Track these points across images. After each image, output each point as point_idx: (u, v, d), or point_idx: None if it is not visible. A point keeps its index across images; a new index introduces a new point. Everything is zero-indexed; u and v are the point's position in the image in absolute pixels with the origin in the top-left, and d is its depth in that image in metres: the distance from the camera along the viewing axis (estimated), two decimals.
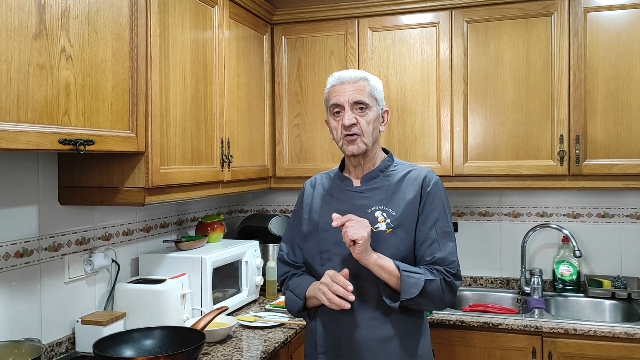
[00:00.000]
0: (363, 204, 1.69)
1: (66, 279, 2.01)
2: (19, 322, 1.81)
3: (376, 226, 1.64)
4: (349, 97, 1.66)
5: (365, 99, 1.66)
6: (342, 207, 1.70)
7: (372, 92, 1.69)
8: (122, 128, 1.78)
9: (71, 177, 1.96)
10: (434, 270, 1.63)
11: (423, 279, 1.59)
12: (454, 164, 2.71)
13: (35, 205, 1.90)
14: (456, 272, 1.65)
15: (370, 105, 1.67)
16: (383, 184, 1.72)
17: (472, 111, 2.69)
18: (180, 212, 2.78)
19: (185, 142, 2.13)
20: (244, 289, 2.66)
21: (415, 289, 1.58)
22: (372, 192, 1.71)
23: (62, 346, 1.97)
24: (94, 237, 2.16)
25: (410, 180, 1.71)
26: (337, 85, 1.70)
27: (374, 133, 1.69)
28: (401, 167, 1.76)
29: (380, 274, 1.59)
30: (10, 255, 1.79)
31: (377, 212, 1.67)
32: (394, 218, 1.65)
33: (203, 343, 1.72)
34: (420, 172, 1.73)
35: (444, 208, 1.69)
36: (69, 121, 1.55)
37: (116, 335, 1.81)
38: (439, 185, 1.71)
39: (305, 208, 1.82)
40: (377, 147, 1.76)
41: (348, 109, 1.66)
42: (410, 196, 1.68)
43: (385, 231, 1.64)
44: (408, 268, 1.60)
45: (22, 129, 1.38)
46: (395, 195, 1.69)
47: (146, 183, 1.89)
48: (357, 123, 1.66)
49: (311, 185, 1.87)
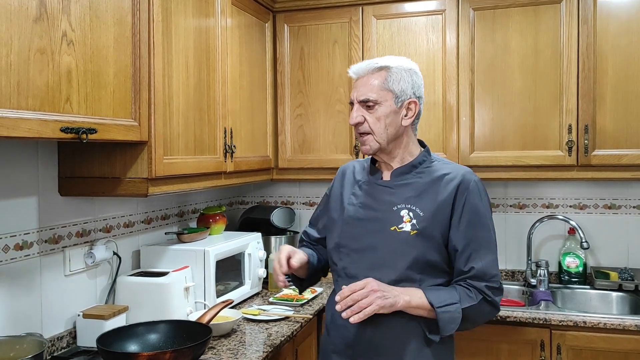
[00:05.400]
0: (389, 200, 1.59)
1: (67, 272, 1.95)
2: (20, 316, 1.76)
3: (400, 226, 1.54)
4: (357, 94, 1.59)
5: (373, 95, 1.56)
6: (367, 202, 1.63)
7: (387, 84, 1.56)
8: (124, 117, 1.72)
9: (72, 167, 1.91)
10: (472, 289, 1.52)
11: (459, 309, 1.48)
12: (460, 154, 2.66)
13: (35, 197, 1.84)
14: (499, 287, 1.54)
15: (379, 101, 1.56)
16: (414, 180, 1.60)
17: (478, 101, 2.65)
18: (181, 204, 2.73)
19: (189, 132, 2.08)
20: (247, 281, 2.61)
21: (454, 324, 1.50)
22: (401, 188, 1.60)
23: (63, 340, 1.92)
24: (95, 229, 2.11)
25: (446, 180, 1.57)
26: (354, 79, 1.64)
27: (390, 129, 1.57)
28: (438, 164, 1.63)
29: (414, 313, 1.50)
30: (10, 247, 1.74)
31: (402, 210, 1.56)
32: (420, 219, 1.54)
33: (210, 337, 1.67)
34: (459, 171, 1.59)
35: (484, 213, 1.56)
36: (71, 109, 1.50)
37: (120, 330, 1.76)
38: (478, 188, 1.57)
39: (333, 195, 1.77)
40: (403, 142, 1.62)
41: (356, 106, 1.59)
42: (443, 197, 1.54)
43: (410, 232, 1.53)
44: (443, 300, 1.48)
45: (23, 116, 1.33)
46: (425, 195, 1.56)
47: (149, 173, 1.84)
48: (364, 121, 1.58)
49: (342, 173, 1.79)
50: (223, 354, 1.89)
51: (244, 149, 2.56)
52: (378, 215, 1.59)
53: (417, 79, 1.62)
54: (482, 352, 2.39)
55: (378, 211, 1.59)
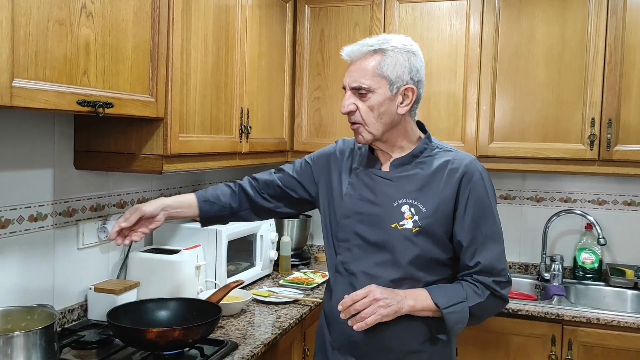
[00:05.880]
0: (388, 195, 1.49)
1: (80, 246, 1.96)
2: (32, 288, 1.77)
3: (401, 223, 1.45)
4: (349, 80, 1.47)
5: (366, 82, 1.43)
6: (366, 195, 1.52)
7: (381, 69, 1.43)
8: (141, 92, 1.71)
9: (87, 141, 1.90)
10: (479, 284, 1.45)
11: (467, 308, 1.42)
12: (478, 143, 2.62)
13: (51, 169, 1.84)
14: (507, 280, 1.48)
15: (372, 88, 1.43)
16: (415, 171, 1.49)
17: (500, 90, 2.59)
18: (195, 183, 2.73)
19: (205, 110, 2.06)
20: (258, 263, 2.61)
21: (461, 323, 1.44)
22: (401, 181, 1.49)
23: (74, 313, 1.93)
24: (109, 204, 2.11)
25: (449, 171, 1.46)
26: (348, 62, 1.51)
27: (384, 118, 1.45)
28: (440, 152, 1.51)
29: (420, 315, 1.45)
30: (24, 219, 1.74)
31: (403, 206, 1.46)
32: (422, 215, 1.44)
33: (219, 317, 1.67)
34: (462, 161, 1.47)
35: (489, 205, 1.47)
36: (88, 82, 1.49)
37: (130, 305, 1.77)
38: (483, 178, 1.47)
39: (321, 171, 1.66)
40: (401, 130, 1.50)
41: (348, 93, 1.47)
42: (447, 191, 1.45)
43: (412, 229, 1.45)
44: (449, 300, 1.42)
45: (40, 87, 1.32)
46: (428, 188, 1.46)
47: (164, 150, 1.83)
48: (355, 110, 1.46)
49: (339, 151, 1.66)
50: (232, 333, 1.89)
51: (259, 130, 2.54)
52: (378, 210, 1.49)
53: (416, 61, 1.47)
54: (491, 344, 2.37)
55: (378, 206, 1.50)
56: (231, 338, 1.83)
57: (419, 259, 1.46)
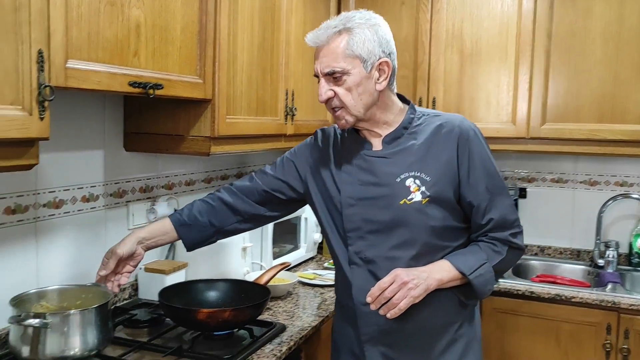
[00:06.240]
0: (389, 172, 1.44)
1: (130, 226, 1.99)
2: (85, 267, 1.80)
3: (409, 197, 1.41)
4: (320, 67, 1.41)
5: (338, 65, 1.37)
6: (366, 178, 1.46)
7: (351, 49, 1.37)
8: (190, 73, 1.71)
9: (137, 123, 1.92)
10: (496, 242, 1.44)
11: (490, 269, 1.41)
12: (530, 125, 2.53)
13: (101, 150, 1.87)
14: (521, 229, 1.47)
15: (347, 70, 1.38)
16: (409, 143, 1.45)
17: (554, 69, 2.49)
18: (239, 165, 2.73)
19: (251, 92, 2.05)
20: (302, 245, 2.61)
21: (489, 285, 1.43)
22: (399, 155, 1.45)
23: (125, 292, 1.97)
24: (157, 186, 2.13)
25: (443, 135, 1.43)
26: (315, 48, 1.43)
27: (363, 98, 1.40)
28: (428, 118, 1.48)
29: (448, 286, 1.42)
30: (77, 199, 1.78)
31: (407, 180, 1.42)
32: (428, 185, 1.41)
33: (268, 298, 1.67)
34: (453, 123, 1.44)
35: (489, 161, 1.45)
36: (139, 63, 1.49)
37: (180, 285, 1.79)
38: (478, 135, 1.45)
39: (306, 167, 1.59)
40: (383, 106, 1.45)
41: (322, 80, 1.42)
42: (447, 155, 1.42)
43: (421, 202, 1.41)
44: (472, 265, 1.40)
45: (93, 69, 1.33)
46: (427, 156, 1.43)
47: (212, 132, 1.83)
48: (334, 95, 1.41)
49: (322, 142, 1.59)
50: (279, 315, 1.90)
51: (304, 112, 2.52)
52: (382, 190, 1.44)
53: (384, 33, 1.42)
54: (541, 331, 2.31)
55: (381, 186, 1.44)
56: (279, 320, 1.84)
57: (435, 230, 1.43)
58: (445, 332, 1.48)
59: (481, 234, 1.46)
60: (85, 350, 1.36)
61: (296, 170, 1.63)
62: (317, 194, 1.57)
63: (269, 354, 1.58)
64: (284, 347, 1.63)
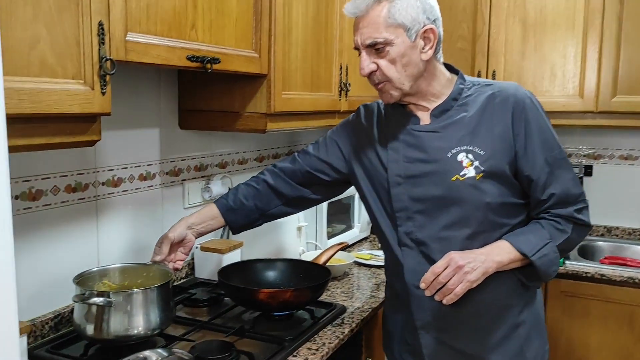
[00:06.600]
0: (439, 147, 1.34)
1: (186, 205, 1.98)
2: (143, 245, 1.80)
3: (462, 173, 1.31)
4: (361, 38, 1.32)
5: (380, 36, 1.28)
6: (414, 155, 1.37)
7: (393, 17, 1.27)
8: (246, 47, 1.65)
9: (192, 100, 1.89)
10: (560, 219, 1.33)
11: (555, 248, 1.31)
12: (599, 98, 2.38)
13: (157, 128, 1.85)
14: (586, 204, 1.36)
15: (390, 40, 1.28)
16: (460, 115, 1.35)
17: (626, 37, 2.33)
18: (291, 143, 2.68)
19: (306, 66, 1.99)
20: (356, 225, 2.55)
21: (554, 266, 1.32)
22: (449, 129, 1.35)
23: (182, 271, 1.96)
24: (212, 164, 2.11)
25: (496, 105, 1.33)
26: (354, 19, 1.34)
27: (409, 70, 1.31)
28: (478, 88, 1.38)
29: (507, 268, 1.32)
30: (135, 177, 1.77)
31: (459, 154, 1.32)
32: (482, 159, 1.31)
33: (329, 279, 1.63)
34: (507, 91, 1.34)
35: (548, 130, 1.33)
36: (196, 36, 1.44)
37: (239, 265, 1.76)
38: (534, 103, 1.33)
39: (349, 145, 1.52)
40: (430, 77, 1.36)
41: (364, 53, 1.32)
42: (501, 126, 1.31)
43: (476, 177, 1.30)
44: (534, 246, 1.30)
45: (152, 42, 1.29)
46: (480, 129, 1.33)
47: (268, 108, 1.78)
48: (377, 69, 1.32)
49: (365, 119, 1.51)
50: (337, 296, 1.85)
51: (358, 88, 2.43)
52: (433, 167, 1.35)
53: None
54: (612, 315, 2.19)
55: (431, 162, 1.35)
56: (337, 301, 1.79)
57: (491, 206, 1.32)
58: (506, 316, 1.38)
59: (542, 210, 1.35)
60: (149, 329, 1.35)
61: (339, 149, 1.56)
62: (362, 174, 1.49)
63: (331, 336, 1.53)
64: (346, 329, 1.58)
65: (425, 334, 1.40)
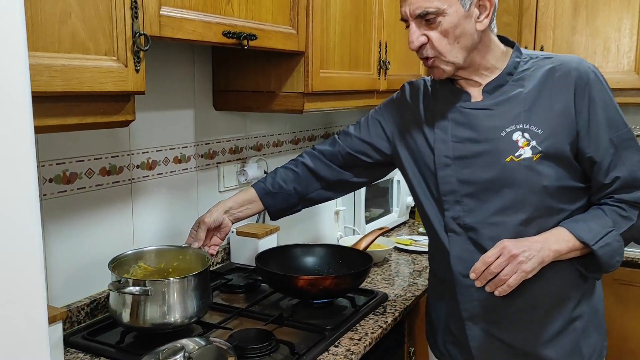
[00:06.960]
0: (492, 126, 1.24)
1: (221, 189, 1.93)
2: (179, 228, 1.75)
3: (517, 154, 1.21)
4: (410, 8, 1.20)
5: (432, 5, 1.17)
6: (464, 134, 1.27)
7: None
8: (283, 23, 1.58)
9: (226, 80, 1.82)
10: (624, 205, 1.22)
11: (618, 237, 1.20)
12: None
13: (192, 110, 1.79)
14: None
15: (442, 9, 1.17)
16: (516, 91, 1.24)
17: None
18: (326, 125, 2.60)
19: (344, 44, 1.90)
20: (395, 209, 2.47)
21: (618, 255, 1.21)
22: (503, 106, 1.24)
23: (218, 256, 1.92)
24: (246, 147, 2.05)
25: (557, 80, 1.21)
26: None
27: (462, 41, 1.20)
28: (536, 62, 1.25)
29: (565, 258, 1.22)
30: (170, 160, 1.72)
31: (515, 133, 1.22)
32: (540, 138, 1.20)
33: (370, 266, 1.55)
34: (568, 65, 1.22)
35: (614, 109, 1.21)
36: (232, 11, 1.37)
37: (276, 250, 1.70)
38: (599, 78, 1.21)
39: (392, 125, 1.43)
40: (485, 49, 1.25)
41: (413, 25, 1.21)
42: (562, 103, 1.20)
43: (532, 158, 1.20)
44: (596, 234, 1.19)
45: (187, 17, 1.22)
46: (537, 106, 1.22)
47: (305, 88, 1.70)
48: (427, 42, 1.21)
49: (410, 96, 1.41)
50: (378, 283, 1.78)
51: (397, 66, 2.34)
52: (484, 147, 1.24)
53: None
54: None
55: (483, 142, 1.25)
56: (378, 288, 1.72)
57: (548, 190, 1.21)
58: (561, 309, 1.28)
59: (605, 195, 1.24)
60: (186, 317, 1.30)
61: (382, 129, 1.46)
62: (406, 155, 1.40)
63: (374, 325, 1.46)
64: (389, 318, 1.51)
65: (472, 326, 1.31)
